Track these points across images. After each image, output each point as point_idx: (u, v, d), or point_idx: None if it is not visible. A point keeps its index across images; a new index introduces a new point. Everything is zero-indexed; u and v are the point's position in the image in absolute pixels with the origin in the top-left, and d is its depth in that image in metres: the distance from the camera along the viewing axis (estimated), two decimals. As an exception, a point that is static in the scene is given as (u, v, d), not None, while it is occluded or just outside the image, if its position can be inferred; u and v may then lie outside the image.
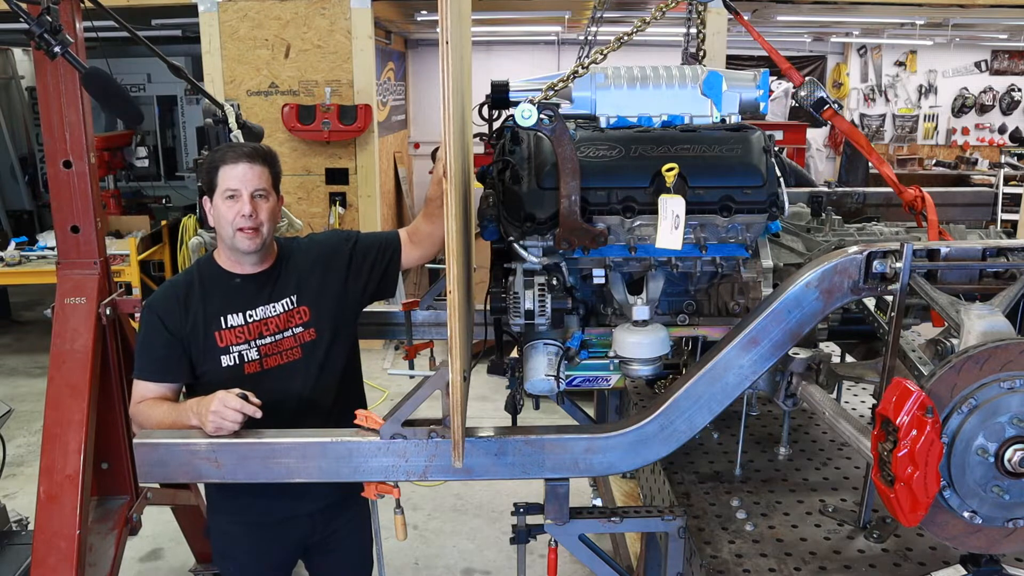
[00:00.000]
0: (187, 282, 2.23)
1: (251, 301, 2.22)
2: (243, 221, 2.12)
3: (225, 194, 2.13)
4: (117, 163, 8.06)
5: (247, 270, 2.23)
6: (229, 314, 2.19)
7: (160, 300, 2.22)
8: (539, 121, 1.74)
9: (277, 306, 2.23)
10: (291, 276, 2.28)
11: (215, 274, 2.24)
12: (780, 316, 1.73)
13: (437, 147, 7.13)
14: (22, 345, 7.33)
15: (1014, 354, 1.46)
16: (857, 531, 1.95)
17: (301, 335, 2.24)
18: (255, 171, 2.14)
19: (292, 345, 2.23)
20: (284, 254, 2.31)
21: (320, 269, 2.31)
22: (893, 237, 2.34)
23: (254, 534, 2.34)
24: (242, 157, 2.14)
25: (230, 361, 2.18)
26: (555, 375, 1.97)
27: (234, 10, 6.35)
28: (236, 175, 2.12)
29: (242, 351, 2.19)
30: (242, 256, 2.20)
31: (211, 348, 2.17)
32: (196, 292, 2.20)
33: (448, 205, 1.46)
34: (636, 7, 7.57)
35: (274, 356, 2.21)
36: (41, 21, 2.23)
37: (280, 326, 2.22)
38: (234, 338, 2.19)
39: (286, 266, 2.29)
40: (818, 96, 2.17)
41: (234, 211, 2.12)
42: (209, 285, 2.22)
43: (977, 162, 11.35)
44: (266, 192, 2.16)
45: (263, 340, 2.20)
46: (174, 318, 2.17)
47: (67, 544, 2.55)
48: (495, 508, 4.46)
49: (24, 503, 4.03)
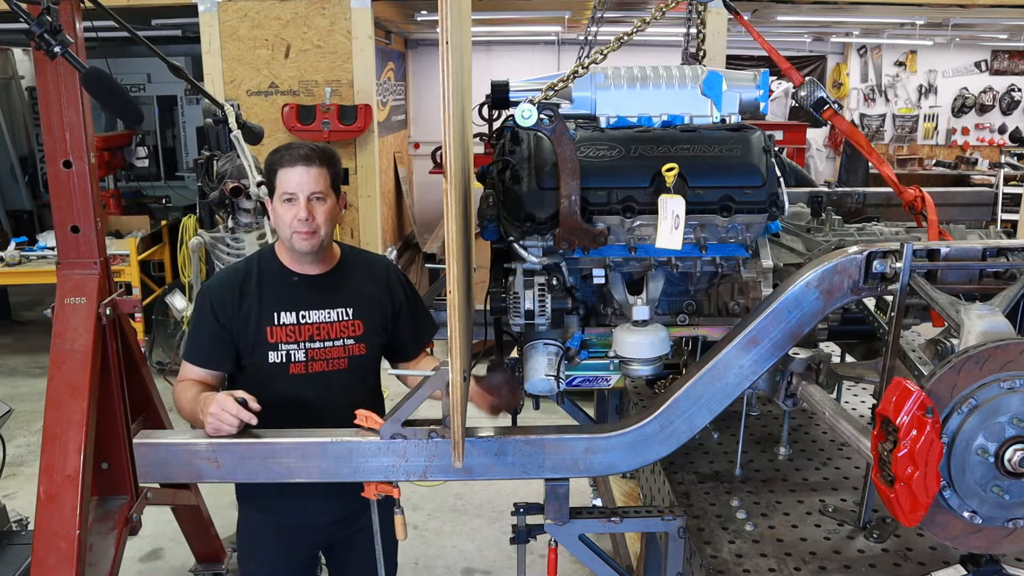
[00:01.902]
0: (246, 271, 2.24)
1: (306, 302, 2.22)
2: (299, 225, 2.12)
3: (283, 197, 2.12)
4: (117, 163, 8.04)
5: (306, 270, 2.24)
6: (283, 311, 2.19)
7: (216, 287, 2.23)
8: (539, 121, 1.75)
9: (332, 313, 2.23)
10: (349, 286, 2.27)
11: (274, 269, 2.24)
12: (780, 316, 1.73)
13: (437, 147, 7.13)
14: (22, 345, 7.33)
15: (1014, 354, 1.47)
16: (857, 531, 1.95)
17: (351, 347, 2.24)
18: (311, 173, 2.12)
19: (340, 355, 2.23)
20: (346, 262, 2.30)
21: (376, 290, 2.30)
22: (893, 237, 2.34)
23: (281, 533, 2.34)
24: (299, 160, 2.12)
25: (277, 358, 2.18)
26: (555, 375, 1.97)
27: (234, 10, 6.34)
28: (293, 178, 2.11)
29: (290, 350, 2.19)
30: (300, 256, 2.20)
31: (261, 342, 2.18)
32: (253, 283, 2.21)
33: (448, 205, 1.46)
34: (636, 7, 7.57)
35: (320, 361, 2.21)
36: (41, 21, 2.23)
37: (332, 334, 2.22)
38: (284, 336, 2.19)
39: (346, 275, 2.28)
40: (818, 96, 2.17)
41: (291, 214, 2.12)
42: (267, 278, 2.22)
43: (977, 162, 11.35)
44: (323, 194, 2.15)
45: (313, 344, 2.20)
46: (226, 306, 2.18)
47: (67, 544, 2.55)
48: (495, 508, 4.46)
49: (24, 503, 4.03)
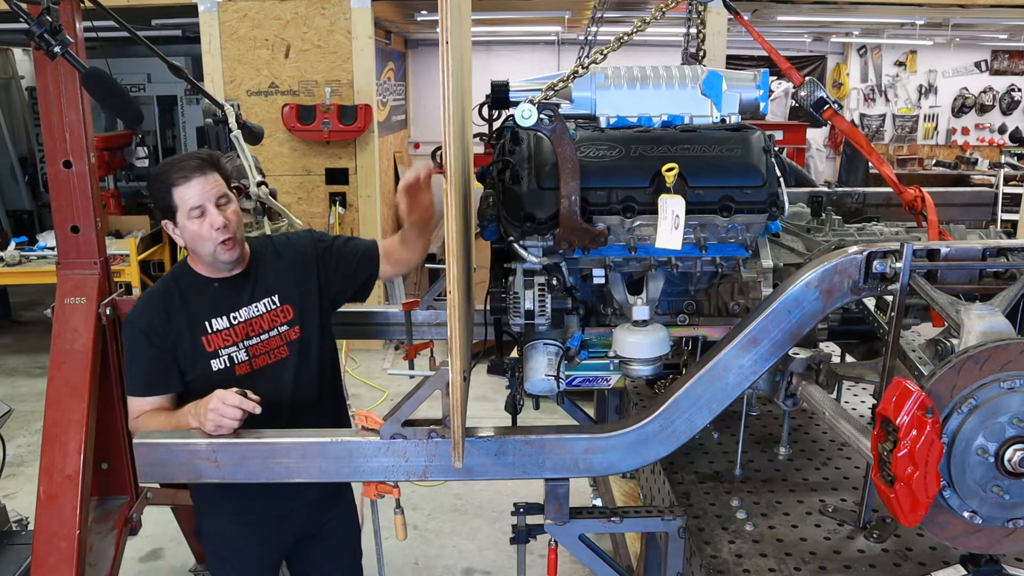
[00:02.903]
0: (165, 291, 2.20)
1: (233, 303, 2.21)
2: (220, 234, 2.09)
3: (191, 214, 2.08)
4: (117, 163, 8.04)
5: (224, 274, 2.22)
6: (213, 318, 2.18)
7: (140, 314, 2.17)
8: (539, 121, 1.74)
9: (260, 306, 2.23)
10: (268, 275, 2.27)
11: (193, 281, 2.21)
12: (780, 316, 1.73)
13: (437, 147, 7.10)
14: (22, 345, 7.33)
15: (1014, 354, 1.46)
16: (857, 531, 1.95)
17: (287, 333, 2.25)
18: (210, 180, 2.09)
19: (279, 344, 2.24)
20: (257, 254, 2.29)
21: (296, 269, 2.30)
22: (893, 237, 2.34)
23: (251, 532, 2.34)
24: (193, 171, 2.08)
25: (220, 364, 2.17)
26: (555, 375, 1.97)
27: (234, 10, 6.34)
28: (194, 191, 2.07)
29: (232, 353, 2.18)
30: (222, 264, 2.18)
31: (200, 354, 2.15)
32: (176, 300, 2.18)
33: (448, 205, 1.46)
34: (636, 7, 7.57)
35: (263, 356, 2.21)
36: (41, 21, 2.23)
37: (266, 326, 2.23)
38: (221, 341, 2.17)
39: (262, 266, 2.28)
40: (818, 96, 2.17)
41: (206, 226, 2.08)
42: (188, 292, 2.19)
43: (977, 162, 11.35)
44: (227, 197, 2.13)
45: (250, 341, 2.20)
46: (157, 330, 2.14)
47: (67, 544, 2.55)
48: (495, 508, 4.46)
49: (24, 503, 4.03)
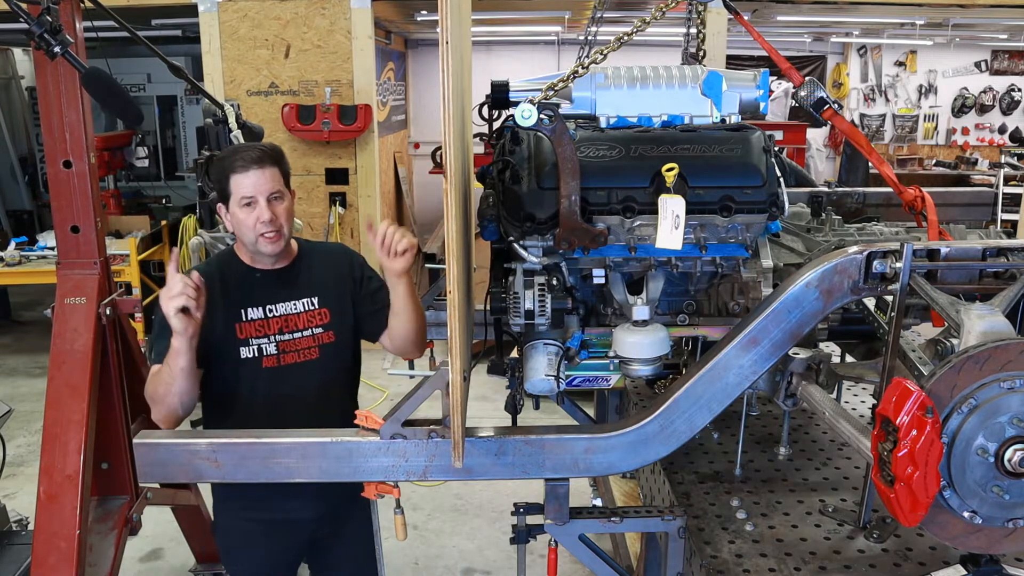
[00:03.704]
0: (207, 273, 2.24)
1: (271, 296, 2.25)
2: (264, 227, 2.14)
3: (241, 202, 2.14)
4: (117, 163, 8.04)
5: (268, 266, 2.27)
6: (249, 307, 2.22)
7: None
8: (539, 121, 1.74)
9: (298, 304, 2.27)
10: (311, 277, 2.31)
11: (235, 268, 2.27)
12: (780, 316, 1.73)
13: (437, 147, 7.13)
14: (22, 345, 7.33)
15: (1014, 354, 1.46)
16: (857, 531, 1.95)
17: (320, 336, 2.27)
18: (267, 174, 2.15)
19: (310, 344, 2.26)
20: (304, 254, 2.34)
21: (337, 278, 2.34)
22: (893, 237, 2.34)
23: (263, 531, 2.35)
24: (251, 163, 2.14)
25: (249, 353, 2.21)
26: (555, 375, 1.97)
27: (234, 10, 6.34)
28: (249, 182, 2.13)
29: (261, 344, 2.22)
30: (264, 256, 2.23)
31: (231, 339, 2.20)
32: (216, 283, 2.22)
33: (448, 205, 1.46)
34: (636, 7, 7.57)
35: (292, 353, 2.24)
36: (41, 21, 2.23)
37: (300, 324, 2.26)
38: (254, 331, 2.22)
39: (306, 266, 2.32)
40: (818, 96, 2.17)
41: (253, 218, 2.14)
42: (230, 278, 2.25)
43: (977, 162, 11.35)
44: (281, 193, 2.18)
45: (283, 336, 2.24)
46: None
47: (67, 544, 2.55)
48: (495, 508, 4.46)
49: (24, 503, 4.03)
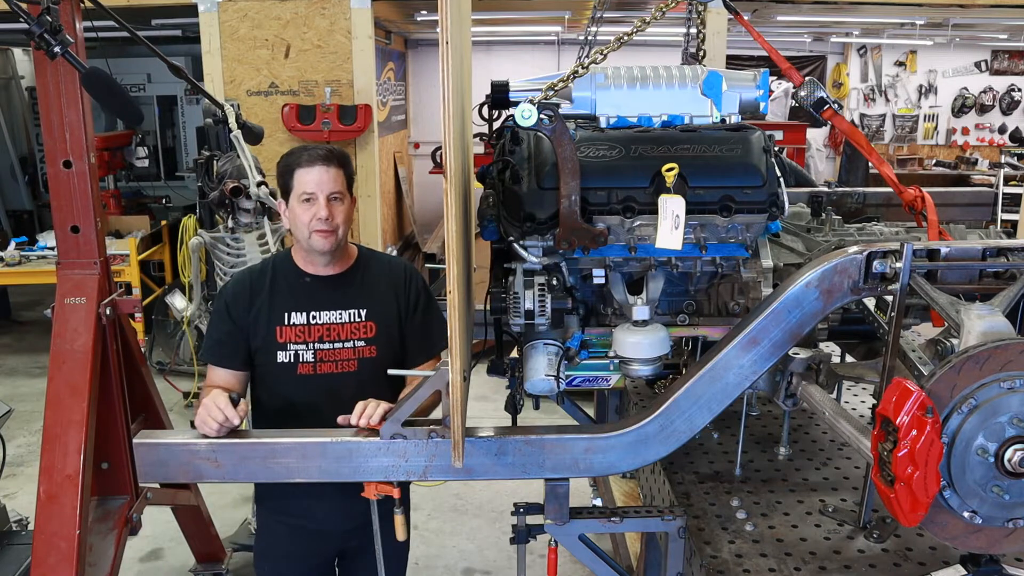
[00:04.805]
0: (260, 271, 2.28)
1: (317, 303, 2.23)
2: (319, 224, 2.14)
3: (301, 197, 2.14)
4: (117, 163, 8.04)
5: (319, 271, 2.25)
6: (293, 311, 2.21)
7: (231, 286, 2.28)
8: (539, 121, 1.74)
9: (344, 314, 2.23)
10: (364, 288, 2.27)
11: (288, 269, 2.27)
12: (780, 316, 1.73)
13: (437, 147, 7.13)
14: (22, 345, 7.33)
15: (1014, 354, 1.46)
16: (857, 531, 1.95)
17: (361, 349, 2.23)
18: (330, 174, 2.15)
19: (350, 356, 2.23)
20: (361, 263, 2.31)
21: (392, 292, 2.30)
22: (893, 237, 2.34)
23: (292, 537, 2.34)
24: (317, 160, 2.14)
25: (285, 358, 2.20)
26: (555, 375, 1.97)
27: (234, 10, 6.34)
28: (312, 178, 2.13)
29: (299, 351, 2.20)
30: (317, 256, 2.21)
31: (271, 341, 2.20)
32: (266, 283, 2.24)
33: (448, 205, 1.46)
34: (636, 7, 7.56)
35: (329, 363, 2.21)
36: (41, 21, 2.23)
37: (343, 335, 2.22)
38: (294, 336, 2.20)
39: (361, 276, 2.29)
40: (818, 96, 2.17)
41: (310, 214, 2.14)
42: (280, 279, 2.25)
43: (977, 162, 11.34)
44: (341, 195, 2.17)
45: (322, 345, 2.21)
46: (239, 306, 2.22)
47: (67, 544, 2.54)
48: (495, 508, 4.46)
49: (24, 503, 4.03)
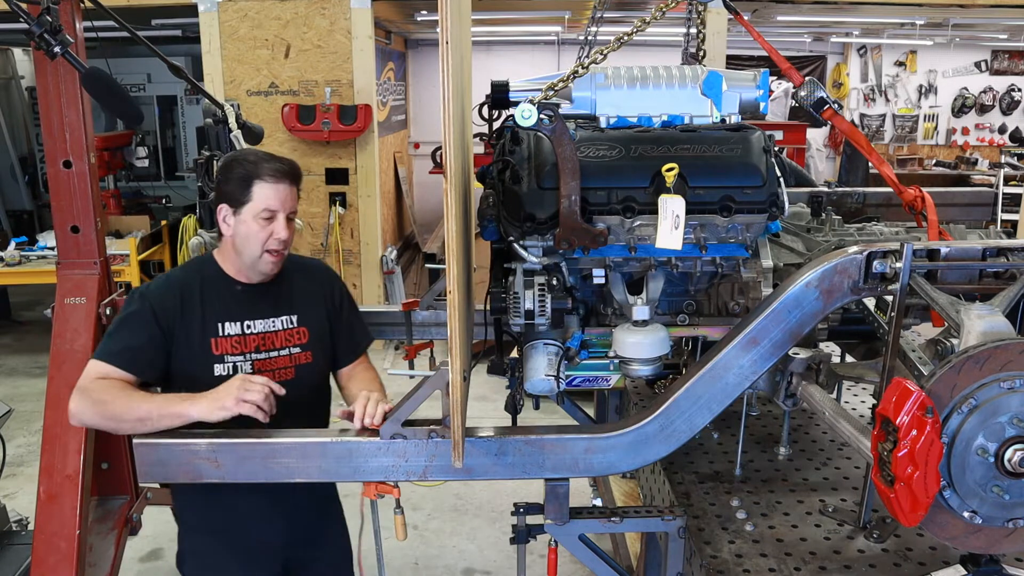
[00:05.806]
0: (187, 280, 2.14)
1: (250, 311, 2.15)
2: (275, 244, 2.07)
3: (261, 214, 2.04)
4: (117, 163, 8.05)
5: (251, 280, 2.17)
6: (227, 322, 2.12)
7: (158, 292, 2.11)
8: (539, 121, 1.74)
9: (277, 322, 2.18)
10: (293, 294, 2.22)
11: (216, 277, 2.16)
12: (780, 316, 1.73)
13: (437, 147, 7.13)
14: (22, 345, 7.33)
15: (1014, 354, 1.46)
16: (857, 531, 1.95)
17: (297, 356, 2.19)
18: (293, 192, 2.08)
19: (287, 364, 2.17)
20: (287, 268, 2.22)
21: (319, 296, 2.27)
22: (893, 237, 2.34)
23: (234, 557, 2.23)
24: (283, 176, 2.05)
25: (223, 371, 2.10)
26: (555, 375, 1.97)
27: (234, 10, 6.34)
28: (277, 196, 2.04)
29: (237, 362, 2.12)
30: (255, 274, 2.14)
31: (205, 354, 2.09)
32: (196, 293, 2.12)
33: (448, 205, 1.46)
34: (636, 7, 7.56)
35: (267, 373, 2.11)
36: (41, 21, 2.23)
37: (277, 343, 2.17)
38: (230, 347, 2.12)
39: (288, 282, 2.23)
40: (818, 96, 2.17)
41: (267, 232, 2.05)
42: (209, 288, 2.14)
43: (977, 162, 11.35)
44: (295, 214, 2.12)
45: (259, 355, 2.14)
46: (168, 315, 2.07)
47: (67, 544, 2.55)
48: (495, 508, 4.46)
49: (24, 503, 4.03)
